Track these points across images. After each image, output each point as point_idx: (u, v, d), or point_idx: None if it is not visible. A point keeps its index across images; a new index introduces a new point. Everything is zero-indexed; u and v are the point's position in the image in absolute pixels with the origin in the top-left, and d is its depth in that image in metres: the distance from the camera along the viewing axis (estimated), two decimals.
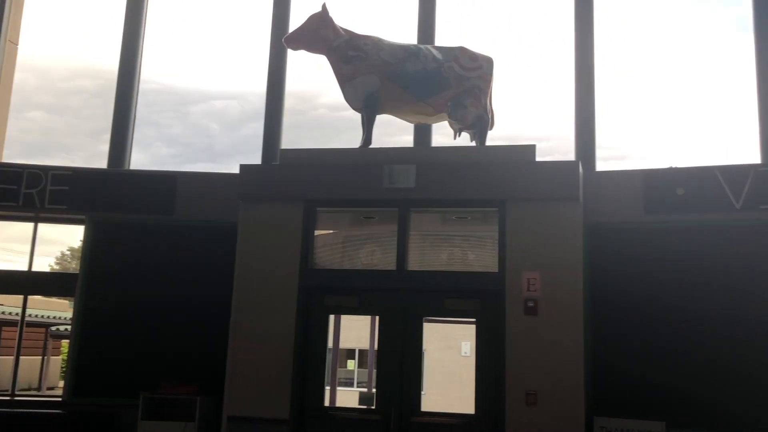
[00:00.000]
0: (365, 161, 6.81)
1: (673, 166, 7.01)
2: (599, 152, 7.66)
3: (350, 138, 7.27)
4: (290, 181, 6.87)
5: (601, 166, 7.57)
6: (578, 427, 5.98)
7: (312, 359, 6.75)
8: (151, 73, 9.21)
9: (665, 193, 6.90)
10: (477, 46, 7.18)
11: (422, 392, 6.71)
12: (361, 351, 18.99)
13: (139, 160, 8.95)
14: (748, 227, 6.60)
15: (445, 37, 8.17)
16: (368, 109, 6.95)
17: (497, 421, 6.18)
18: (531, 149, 6.62)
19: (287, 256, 6.80)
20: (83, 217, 7.82)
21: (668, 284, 6.73)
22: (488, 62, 7.08)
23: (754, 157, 7.14)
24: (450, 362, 16.80)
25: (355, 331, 14.42)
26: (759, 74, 7.15)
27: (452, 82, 6.90)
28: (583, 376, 6.18)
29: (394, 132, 8.54)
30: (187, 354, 7.35)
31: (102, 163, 8.35)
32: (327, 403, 6.96)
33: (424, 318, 6.74)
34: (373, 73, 6.84)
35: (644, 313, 6.73)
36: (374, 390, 6.79)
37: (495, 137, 7.24)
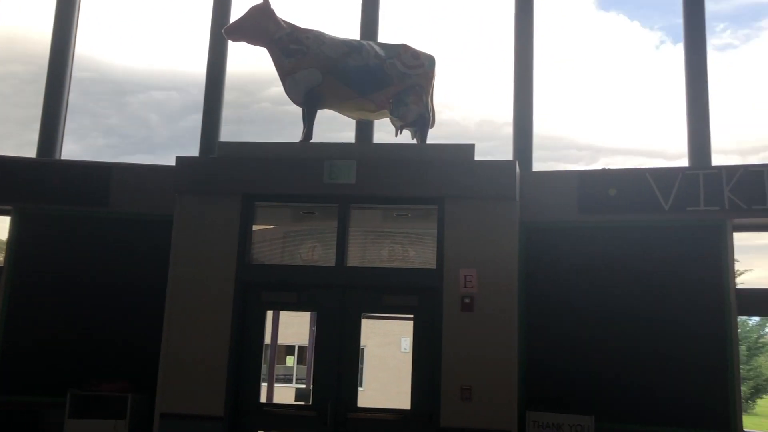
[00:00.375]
0: (306, 156, 6.77)
1: (606, 168, 7.23)
2: (540, 153, 7.83)
3: (294, 132, 7.21)
4: (228, 175, 6.77)
5: (539, 166, 7.72)
6: (511, 421, 6.10)
7: (248, 355, 6.67)
8: (88, 61, 8.92)
9: (598, 194, 7.10)
10: (419, 44, 7.23)
11: (361, 388, 6.73)
12: (300, 347, 18.95)
13: (75, 150, 8.68)
14: (676, 228, 6.85)
15: (387, 34, 8.20)
16: (309, 103, 6.90)
17: (432, 415, 6.25)
18: (470, 148, 6.70)
19: (224, 251, 6.70)
20: (9, 207, 7.51)
21: (600, 282, 6.93)
22: (430, 60, 7.13)
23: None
24: (390, 358, 16.95)
25: (295, 328, 14.38)
26: (688, 80, 7.41)
27: (394, 79, 6.92)
28: (517, 372, 6.31)
29: (336, 128, 8.52)
30: (119, 350, 7.14)
31: (32, 152, 8.03)
32: (264, 399, 6.90)
33: (362, 314, 6.75)
34: (315, 68, 6.79)
35: (576, 311, 6.92)
36: (311, 386, 6.77)
37: (437, 136, 7.32)
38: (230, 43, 7.82)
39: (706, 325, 6.56)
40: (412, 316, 6.70)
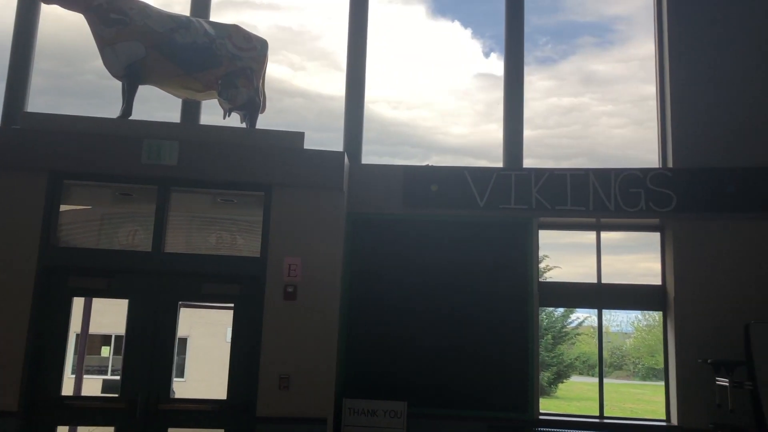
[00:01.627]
0: (123, 133, 6.35)
1: (430, 164, 7.52)
2: (375, 148, 7.97)
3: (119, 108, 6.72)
4: (33, 149, 6.18)
5: (375, 161, 7.84)
6: (327, 409, 6.16)
7: (50, 346, 6.15)
8: None
9: (422, 189, 7.39)
10: (252, 28, 7.06)
11: (182, 379, 6.47)
12: (118, 337, 17.90)
13: None
14: (489, 224, 7.30)
15: (219, 15, 7.93)
16: (130, 77, 6.48)
17: (248, 405, 6.15)
18: (299, 136, 6.66)
19: (26, 231, 6.12)
20: None
21: (420, 274, 7.22)
22: (262, 44, 6.99)
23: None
24: (215, 348, 16.50)
25: (113, 316, 13.53)
26: (506, 87, 7.91)
27: (223, 59, 6.70)
28: (336, 361, 6.39)
29: (162, 107, 8.10)
30: None
31: None
32: (71, 392, 6.40)
33: (180, 302, 6.48)
34: (138, 40, 6.38)
35: (397, 302, 7.15)
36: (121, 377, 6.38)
37: (275, 123, 7.20)
38: (42, 5, 7.14)
39: (512, 316, 7.06)
40: (233, 305, 6.53)
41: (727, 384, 6.09)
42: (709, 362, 6.31)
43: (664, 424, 6.93)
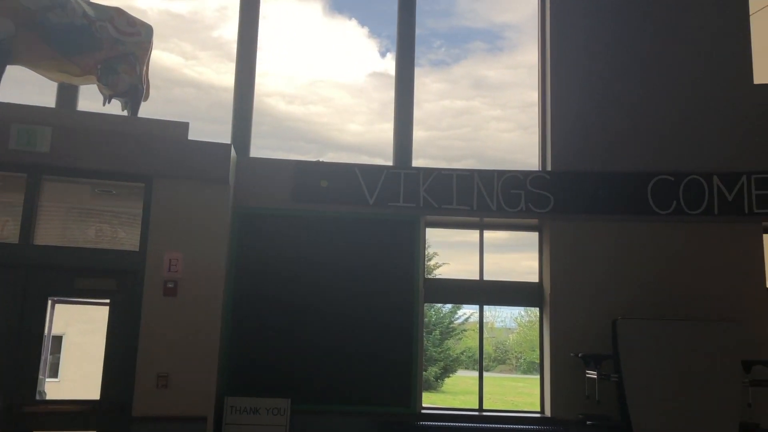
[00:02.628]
0: None
1: (321, 160, 7.49)
2: (269, 142, 7.81)
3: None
4: None
5: (269, 155, 7.70)
6: (208, 407, 6.02)
7: None
8: None
9: (312, 184, 7.34)
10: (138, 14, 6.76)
11: (56, 379, 6.08)
12: None
13: None
14: (378, 221, 7.37)
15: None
16: None
17: (124, 405, 5.89)
18: (183, 126, 6.45)
19: None
20: None
21: (308, 270, 7.17)
22: (147, 30, 6.70)
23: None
24: (93, 346, 15.62)
25: None
26: (397, 87, 8.01)
27: (104, 43, 6.36)
28: (218, 358, 6.24)
29: (38, 91, 7.60)
30: None
31: None
32: None
33: (49, 297, 6.10)
34: (6, 17, 5.95)
35: (284, 298, 7.08)
36: None
37: (157, 113, 6.91)
38: None
39: (398, 312, 7.16)
40: (108, 300, 6.23)
41: (596, 376, 6.47)
42: (579, 356, 6.67)
43: (538, 415, 7.26)
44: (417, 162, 7.76)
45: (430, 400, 6.99)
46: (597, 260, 7.22)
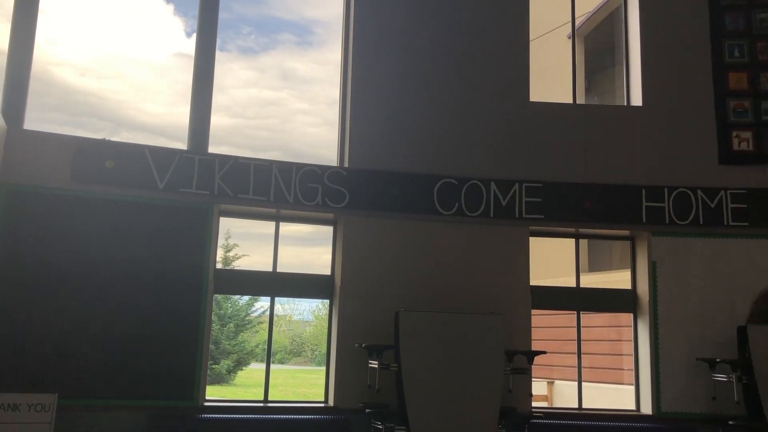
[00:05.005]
0: None
1: (107, 138, 7.01)
2: (57, 116, 7.11)
3: None
4: None
5: (55, 130, 7.00)
6: None
7: None
8: None
9: (95, 164, 6.85)
10: None
11: None
12: None
13: None
14: (169, 207, 7.06)
15: None
16: None
17: None
18: None
19: None
20: None
21: (87, 257, 6.68)
22: None
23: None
24: None
25: None
26: (196, 70, 7.72)
27: None
28: None
29: None
30: None
31: None
32: None
33: None
34: None
35: (55, 285, 6.53)
36: None
37: None
38: None
39: (185, 303, 6.93)
40: None
41: (377, 366, 6.76)
42: (363, 346, 6.93)
43: (322, 405, 7.42)
44: (220, 149, 7.55)
45: (220, 394, 6.87)
46: (386, 255, 7.54)
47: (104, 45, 8.74)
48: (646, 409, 7.56)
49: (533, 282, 7.75)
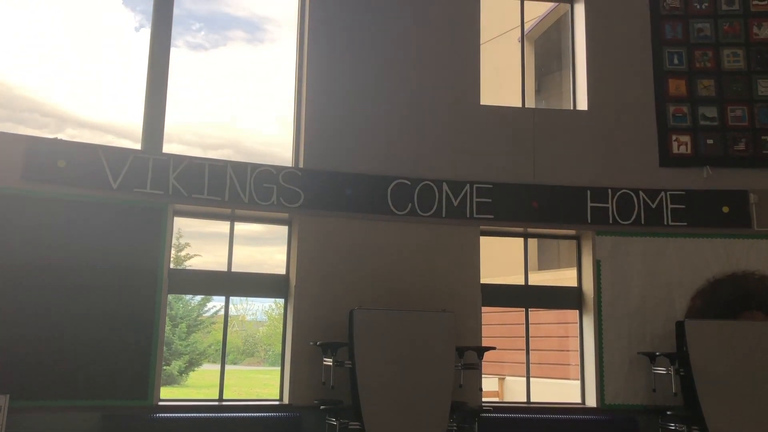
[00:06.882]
0: None
1: (59, 137, 6.94)
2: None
3: None
4: None
5: None
6: None
7: None
8: None
9: (47, 164, 6.79)
10: None
11: None
12: None
13: None
14: (122, 207, 7.03)
15: None
16: None
17: None
18: None
19: None
20: None
21: (38, 256, 6.62)
22: None
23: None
24: None
25: None
26: (150, 68, 7.70)
27: None
28: None
29: None
30: None
31: None
32: None
33: None
34: None
35: (6, 287, 6.45)
36: None
37: None
38: None
39: (138, 303, 6.91)
40: None
41: (331, 363, 6.88)
42: (318, 344, 7.03)
43: (277, 403, 7.50)
44: (170, 147, 7.55)
45: (172, 395, 6.85)
46: (341, 254, 7.66)
47: (47, 40, 8.60)
48: (591, 402, 7.87)
49: (484, 280, 7.98)
